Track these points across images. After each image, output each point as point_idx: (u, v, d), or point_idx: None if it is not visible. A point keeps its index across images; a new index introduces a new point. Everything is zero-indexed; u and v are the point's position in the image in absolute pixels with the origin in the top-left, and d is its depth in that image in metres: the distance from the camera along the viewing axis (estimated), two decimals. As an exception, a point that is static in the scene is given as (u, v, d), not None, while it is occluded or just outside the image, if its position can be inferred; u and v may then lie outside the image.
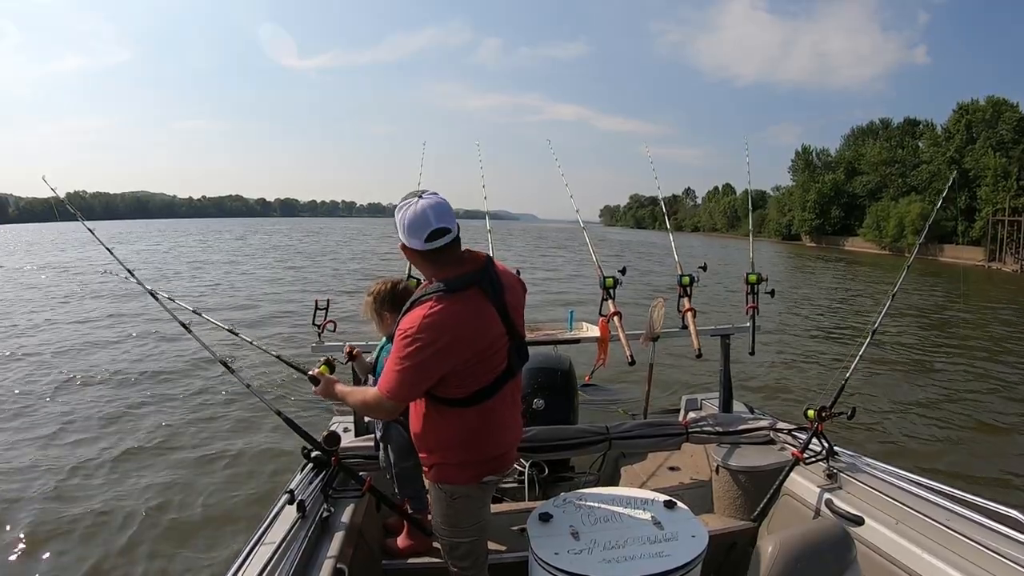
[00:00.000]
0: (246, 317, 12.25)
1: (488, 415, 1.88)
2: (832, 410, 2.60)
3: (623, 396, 4.91)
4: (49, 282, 18.97)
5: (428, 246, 1.77)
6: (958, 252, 41.39)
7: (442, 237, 1.76)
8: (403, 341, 1.74)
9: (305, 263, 26.52)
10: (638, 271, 21.73)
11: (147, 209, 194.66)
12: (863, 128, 63.73)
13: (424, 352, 1.72)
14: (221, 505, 4.53)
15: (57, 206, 2.67)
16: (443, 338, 1.72)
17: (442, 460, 1.92)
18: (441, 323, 1.72)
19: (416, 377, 1.76)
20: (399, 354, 1.75)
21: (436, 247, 1.77)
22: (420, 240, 1.76)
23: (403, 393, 1.81)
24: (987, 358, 10.38)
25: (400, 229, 1.78)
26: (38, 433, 5.90)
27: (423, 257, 1.80)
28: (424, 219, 1.74)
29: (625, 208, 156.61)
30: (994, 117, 45.80)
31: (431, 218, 1.74)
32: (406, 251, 1.83)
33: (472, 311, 1.78)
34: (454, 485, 1.94)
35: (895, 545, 2.06)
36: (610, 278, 3.25)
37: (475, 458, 1.91)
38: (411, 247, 1.79)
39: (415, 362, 1.73)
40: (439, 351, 1.72)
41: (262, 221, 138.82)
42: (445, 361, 1.74)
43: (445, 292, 1.76)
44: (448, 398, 1.84)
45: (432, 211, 1.75)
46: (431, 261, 1.81)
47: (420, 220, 1.75)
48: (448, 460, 1.92)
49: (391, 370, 1.78)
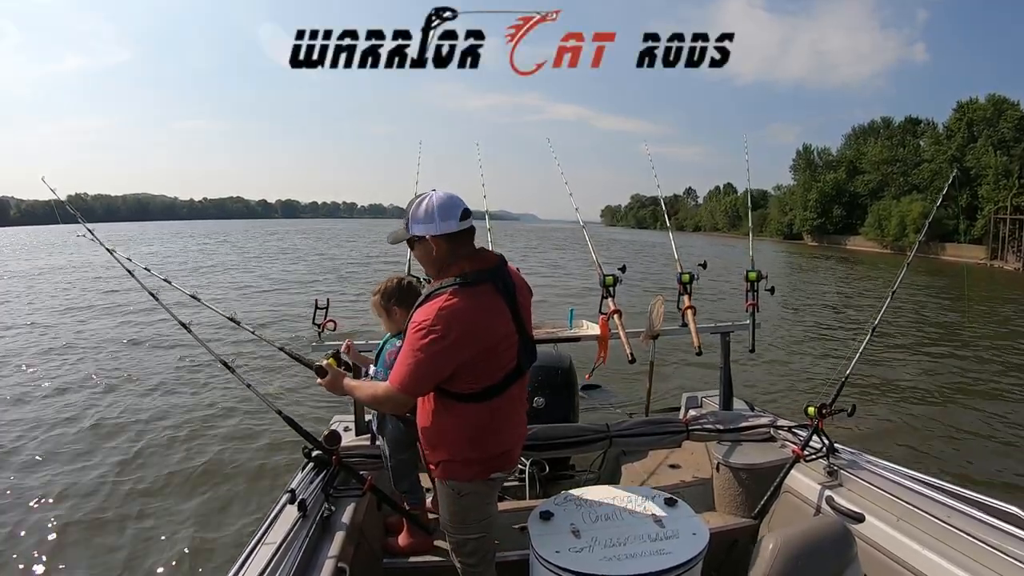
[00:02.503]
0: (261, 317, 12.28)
1: (496, 412, 1.89)
2: (832, 407, 2.60)
3: (623, 394, 4.92)
4: (70, 282, 19.01)
5: (463, 225, 1.81)
6: (960, 251, 41.33)
7: (470, 218, 1.84)
8: (417, 333, 1.75)
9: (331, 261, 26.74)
10: (639, 272, 21.72)
11: (148, 211, 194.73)
12: (864, 127, 63.67)
13: (438, 344, 1.72)
14: (221, 504, 4.54)
15: (58, 208, 2.67)
16: (457, 330, 1.72)
17: (449, 457, 1.92)
18: (456, 315, 1.73)
19: (429, 369, 1.76)
20: (413, 346, 1.75)
21: (468, 227, 1.83)
22: (456, 219, 1.80)
23: (416, 386, 1.81)
24: (988, 356, 10.37)
25: (426, 218, 1.80)
26: (38, 431, 5.92)
27: (450, 242, 1.82)
28: (453, 202, 1.81)
29: (626, 208, 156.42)
30: (995, 115, 45.78)
31: (458, 200, 1.82)
32: (432, 241, 1.82)
33: (486, 306, 1.80)
34: (461, 482, 1.94)
35: (896, 542, 2.05)
36: (610, 276, 3.25)
37: (481, 455, 1.91)
38: (442, 232, 1.80)
39: (429, 353, 1.73)
40: (453, 343, 1.72)
41: (265, 223, 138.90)
42: (458, 353, 1.75)
43: (460, 286, 1.77)
44: (458, 393, 1.84)
45: (455, 197, 1.83)
46: (455, 248, 1.83)
47: (449, 203, 1.80)
48: (455, 457, 1.91)
49: (404, 363, 1.78)
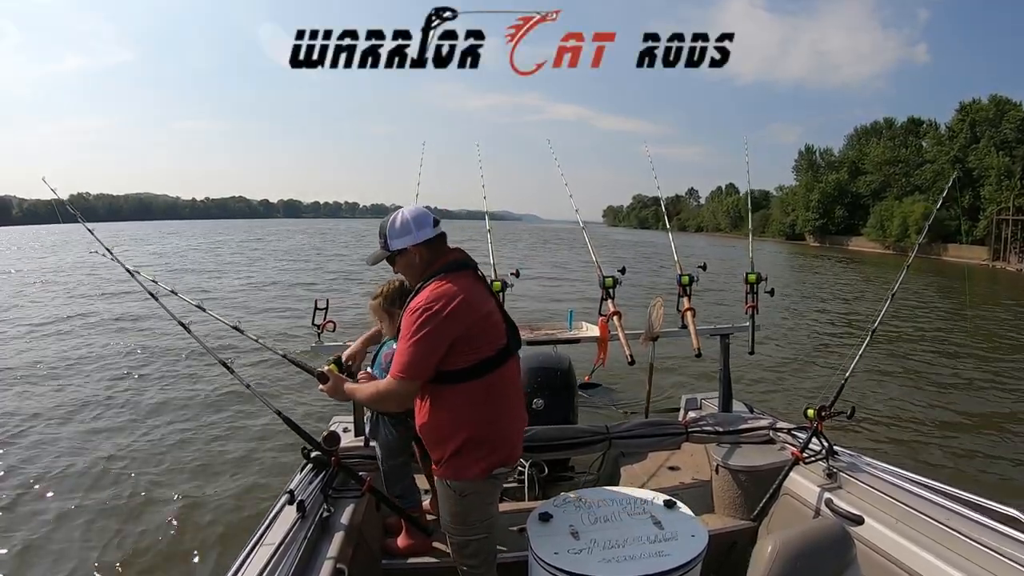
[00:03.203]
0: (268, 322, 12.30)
1: (493, 390, 1.93)
2: (832, 409, 2.61)
3: (623, 396, 4.92)
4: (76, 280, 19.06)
5: (436, 230, 1.99)
6: (962, 251, 41.27)
7: (439, 225, 2.02)
8: (413, 316, 1.86)
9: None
10: (640, 273, 21.70)
11: (150, 211, 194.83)
12: (867, 127, 63.61)
13: (435, 319, 1.84)
14: (221, 506, 4.52)
15: (59, 208, 2.68)
16: (451, 303, 1.85)
17: (452, 448, 1.92)
18: (448, 291, 1.88)
19: (429, 346, 1.85)
20: (410, 330, 1.85)
21: (440, 233, 2.00)
22: (430, 227, 1.98)
23: (418, 367, 1.86)
24: (989, 358, 10.35)
25: (403, 231, 1.97)
26: (35, 431, 5.93)
27: (428, 248, 1.98)
28: (422, 212, 2.00)
29: (628, 208, 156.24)
30: (997, 116, 45.70)
31: (425, 211, 2.01)
32: (411, 251, 1.99)
33: (471, 284, 1.96)
34: (463, 481, 1.94)
35: (895, 544, 2.05)
36: (610, 278, 3.26)
37: (485, 435, 1.93)
38: (420, 241, 1.97)
39: (427, 330, 1.84)
40: (448, 316, 1.84)
41: (268, 223, 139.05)
42: (453, 326, 1.85)
43: (447, 272, 1.94)
44: (454, 370, 1.88)
45: (421, 208, 2.03)
46: (433, 252, 2.00)
47: (420, 214, 2.00)
48: (458, 445, 1.91)
49: (403, 350, 1.87)
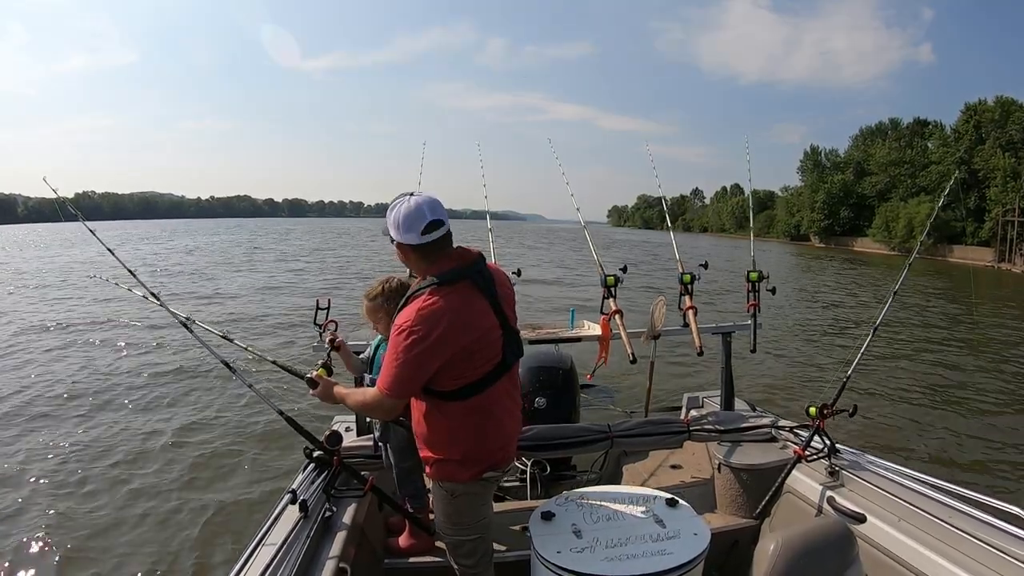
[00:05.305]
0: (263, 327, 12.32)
1: (485, 408, 1.89)
2: (834, 408, 2.59)
3: (624, 394, 4.91)
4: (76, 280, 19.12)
5: (424, 239, 1.81)
6: (967, 253, 41.13)
7: (436, 230, 1.82)
8: (399, 336, 1.77)
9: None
10: (641, 273, 21.67)
11: (155, 210, 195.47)
12: (872, 128, 63.36)
13: (421, 344, 1.74)
14: (223, 505, 4.54)
15: (59, 207, 2.70)
16: (438, 328, 1.74)
17: (444, 456, 1.92)
18: (436, 314, 1.75)
19: (414, 370, 1.77)
20: (396, 349, 1.77)
21: (431, 240, 1.82)
22: (416, 234, 1.81)
23: (402, 388, 1.82)
24: (991, 358, 10.33)
25: (394, 226, 1.83)
26: (39, 432, 5.95)
27: (417, 252, 1.85)
28: (419, 213, 1.81)
29: (633, 208, 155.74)
30: (1003, 117, 45.51)
31: (425, 212, 1.81)
32: (401, 248, 1.88)
33: (464, 301, 1.81)
34: (455, 483, 1.94)
35: (897, 542, 2.05)
36: (611, 276, 3.25)
37: (475, 453, 1.91)
38: (406, 242, 1.83)
39: (412, 354, 1.75)
40: (435, 341, 1.74)
41: (272, 221, 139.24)
42: (441, 351, 1.76)
43: (438, 285, 1.80)
44: (445, 391, 1.84)
45: (426, 205, 1.82)
46: (424, 255, 1.85)
47: (415, 214, 1.81)
48: (449, 456, 1.91)
49: (388, 367, 1.80)
